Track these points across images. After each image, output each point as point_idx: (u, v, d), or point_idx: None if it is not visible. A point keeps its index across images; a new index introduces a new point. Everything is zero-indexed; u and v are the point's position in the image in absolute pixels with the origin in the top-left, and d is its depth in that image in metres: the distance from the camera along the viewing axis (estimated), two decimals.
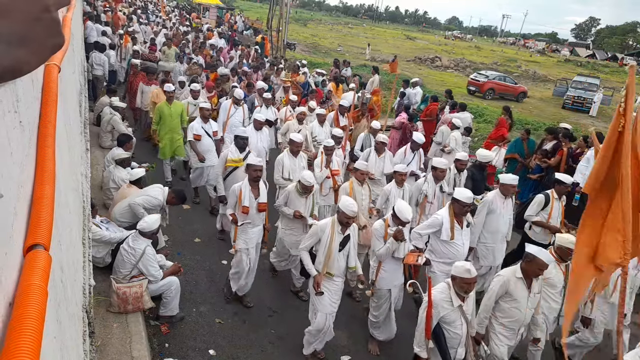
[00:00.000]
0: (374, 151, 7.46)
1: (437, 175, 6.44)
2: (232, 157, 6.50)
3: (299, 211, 5.56)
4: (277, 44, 20.77)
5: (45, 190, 1.11)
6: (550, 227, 6.26)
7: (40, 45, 0.76)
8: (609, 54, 60.71)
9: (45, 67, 1.66)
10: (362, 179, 6.14)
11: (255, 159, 5.48)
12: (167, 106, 8.14)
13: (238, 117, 8.83)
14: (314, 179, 5.52)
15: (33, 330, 0.74)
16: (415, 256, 4.95)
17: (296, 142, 6.57)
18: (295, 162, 6.66)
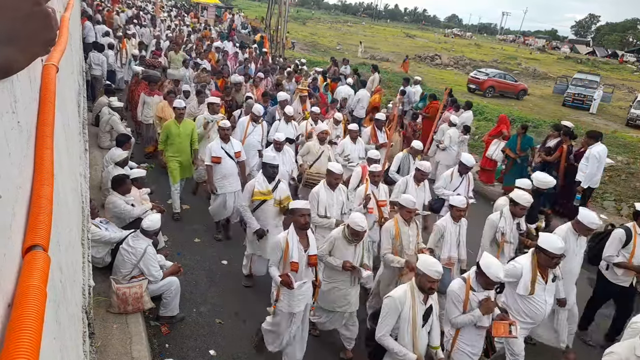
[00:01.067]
0: (412, 180, 6.36)
1: (516, 211, 5.38)
2: (259, 188, 5.48)
3: (349, 262, 4.54)
4: (282, 43, 20.70)
5: (43, 191, 1.11)
6: (636, 268, 5.27)
7: (32, 42, 0.75)
8: (609, 51, 60.68)
9: (43, 67, 1.65)
10: (410, 218, 5.14)
11: (301, 202, 4.53)
12: (175, 125, 7.17)
13: (256, 135, 7.76)
14: (365, 222, 4.49)
15: (32, 331, 0.74)
16: (506, 326, 3.94)
17: (335, 174, 5.52)
18: (333, 196, 5.62)
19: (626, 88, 31.70)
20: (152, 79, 9.59)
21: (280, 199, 5.55)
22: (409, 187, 6.34)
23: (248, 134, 7.67)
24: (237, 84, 11.19)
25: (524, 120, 15.85)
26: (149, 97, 9.30)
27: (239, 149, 6.70)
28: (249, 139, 7.65)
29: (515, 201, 5.36)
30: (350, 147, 7.71)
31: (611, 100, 24.79)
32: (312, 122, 8.62)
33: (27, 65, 0.79)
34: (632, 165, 12.62)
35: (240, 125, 7.78)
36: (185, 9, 37.83)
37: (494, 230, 5.43)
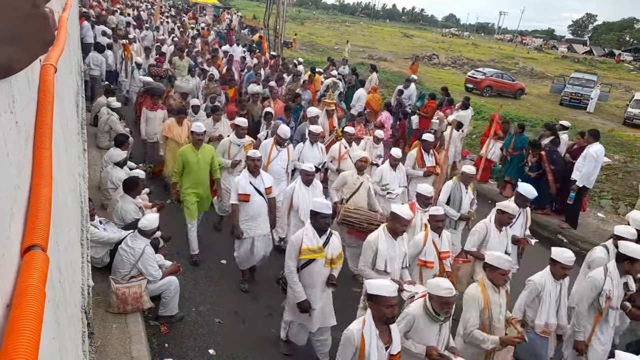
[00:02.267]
0: (493, 225, 5.19)
1: (629, 268, 4.32)
2: (309, 244, 4.31)
3: (435, 349, 3.56)
4: (280, 43, 20.63)
5: (42, 191, 1.11)
6: None
7: (31, 42, 0.76)
8: (606, 50, 60.80)
9: (41, 67, 1.65)
10: (502, 281, 4.04)
11: (385, 285, 3.32)
12: (192, 152, 6.04)
13: (281, 161, 6.72)
14: (452, 287, 3.51)
15: (31, 331, 0.74)
16: None
17: (403, 220, 4.45)
18: (395, 246, 4.53)
19: (623, 87, 31.77)
20: (155, 92, 8.64)
21: (332, 257, 4.42)
22: (491, 236, 5.13)
23: (272, 159, 6.64)
24: (254, 95, 9.99)
25: (521, 120, 15.88)
26: (151, 112, 8.34)
27: (270, 184, 5.66)
28: (273, 165, 6.63)
29: (629, 256, 4.27)
30: (389, 175, 6.70)
31: (608, 99, 24.83)
32: (346, 144, 7.37)
33: (27, 65, 0.80)
34: (629, 164, 12.65)
35: (264, 149, 6.67)
36: (184, 9, 37.77)
37: (596, 293, 4.34)
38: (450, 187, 6.25)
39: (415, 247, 4.89)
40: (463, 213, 6.18)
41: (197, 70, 12.09)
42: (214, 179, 6.38)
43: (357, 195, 6.15)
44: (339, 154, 7.23)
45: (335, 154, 7.30)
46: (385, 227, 4.59)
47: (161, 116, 8.37)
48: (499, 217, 5.16)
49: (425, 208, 5.55)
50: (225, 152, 6.79)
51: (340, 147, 7.28)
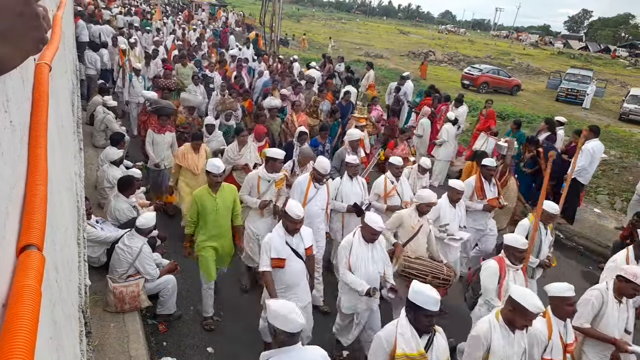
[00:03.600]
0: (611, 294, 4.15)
1: None
2: (405, 348, 3.22)
3: None
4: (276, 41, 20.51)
5: (37, 191, 1.11)
6: None
7: (24, 41, 0.75)
8: (601, 46, 60.96)
9: (35, 66, 1.64)
10: None
11: None
12: (210, 196, 4.83)
13: (320, 201, 5.44)
14: None
15: (27, 331, 0.74)
16: None
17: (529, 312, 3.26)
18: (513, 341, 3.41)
19: (619, 83, 31.87)
20: (164, 111, 7.27)
21: None
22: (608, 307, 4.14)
23: (309, 199, 5.35)
24: (272, 110, 8.66)
25: (517, 116, 15.92)
26: (158, 134, 7.11)
27: (310, 242, 4.39)
28: (310, 206, 5.30)
29: None
30: (448, 213, 5.59)
31: (604, 95, 24.91)
32: (393, 178, 6.02)
33: (20, 63, 0.79)
34: (625, 159, 12.71)
35: (299, 188, 5.44)
36: (179, 7, 37.62)
37: None
38: (527, 228, 5.23)
39: (539, 343, 3.64)
40: (542, 259, 5.26)
41: (200, 74, 11.09)
42: (235, 225, 5.14)
43: (415, 241, 5.03)
44: (385, 190, 5.96)
45: (379, 190, 6.01)
46: (499, 315, 3.43)
47: (169, 139, 7.25)
48: (620, 285, 4.09)
49: (519, 264, 4.35)
50: (253, 190, 5.44)
51: (386, 182, 5.98)
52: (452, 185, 5.63)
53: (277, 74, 12.80)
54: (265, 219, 5.53)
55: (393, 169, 6.00)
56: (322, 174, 5.30)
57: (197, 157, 6.48)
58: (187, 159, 6.43)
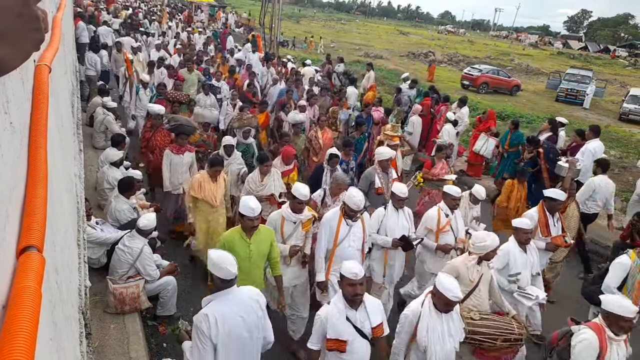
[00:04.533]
0: None
1: None
2: None
3: None
4: (276, 42, 20.44)
5: (37, 192, 1.11)
6: None
7: (23, 42, 0.76)
8: (601, 46, 60.98)
9: (35, 67, 1.65)
10: None
11: None
12: (242, 241, 4.07)
13: (355, 241, 4.58)
14: None
15: (27, 332, 0.74)
16: None
17: None
18: None
19: (618, 83, 31.89)
20: (184, 130, 6.41)
21: None
22: None
23: (340, 240, 4.51)
24: (295, 125, 7.86)
25: (517, 116, 15.93)
26: (176, 155, 6.31)
27: (380, 319, 3.45)
28: (343, 247, 4.52)
29: None
30: (519, 259, 4.69)
31: (604, 95, 24.93)
32: (447, 210, 5.22)
33: (19, 66, 0.79)
34: (625, 160, 12.72)
35: (327, 225, 4.57)
36: (178, 8, 37.63)
37: None
38: (629, 268, 4.49)
39: None
40: None
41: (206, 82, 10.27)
42: (274, 275, 4.37)
43: (476, 295, 4.26)
44: (438, 225, 5.13)
45: (432, 224, 5.18)
46: None
47: (189, 160, 6.46)
48: None
49: (624, 334, 3.46)
50: (276, 232, 4.56)
51: (439, 215, 5.15)
52: (447, 192, 5.23)
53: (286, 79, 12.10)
54: (292, 268, 4.68)
55: (449, 199, 5.20)
56: (355, 211, 4.42)
57: (216, 186, 5.52)
58: (204, 189, 5.47)
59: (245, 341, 3.17)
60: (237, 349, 3.13)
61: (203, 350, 3.01)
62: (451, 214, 5.22)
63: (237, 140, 7.02)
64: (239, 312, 3.11)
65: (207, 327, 3.01)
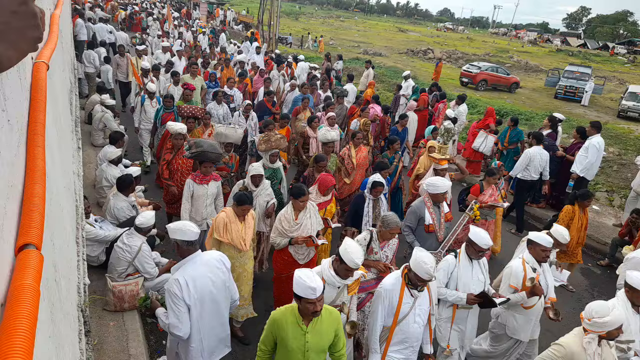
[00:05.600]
0: None
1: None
2: None
3: None
4: (274, 39, 20.36)
5: (35, 190, 1.10)
6: None
7: (20, 39, 0.76)
8: (600, 43, 61.00)
9: (33, 65, 1.64)
10: None
11: None
12: (298, 329, 3.09)
13: (420, 315, 3.72)
14: None
15: (25, 330, 0.74)
16: None
17: None
18: None
19: (617, 80, 31.88)
20: (207, 157, 5.39)
21: None
22: None
23: (403, 315, 3.65)
24: (327, 144, 6.83)
25: (516, 113, 15.93)
26: (199, 185, 5.38)
27: None
28: (407, 323, 3.67)
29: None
30: (632, 323, 3.89)
31: (602, 92, 24.92)
32: (535, 263, 4.31)
33: (16, 63, 0.79)
34: (624, 157, 12.73)
35: (387, 299, 3.67)
36: (175, 6, 37.52)
37: None
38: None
39: None
40: None
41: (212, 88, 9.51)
42: None
43: None
44: (525, 278, 4.22)
45: (516, 281, 4.27)
46: None
47: (214, 192, 5.52)
48: None
49: None
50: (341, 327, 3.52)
51: (525, 270, 4.25)
52: (535, 240, 4.29)
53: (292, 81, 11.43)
54: None
55: (537, 250, 4.29)
56: (425, 280, 3.51)
57: (244, 227, 4.56)
58: (230, 231, 4.47)
59: (215, 299, 3.45)
60: (209, 307, 3.42)
61: (178, 312, 3.24)
62: (539, 268, 4.31)
63: (262, 163, 5.92)
64: (207, 274, 3.37)
65: (180, 290, 3.23)
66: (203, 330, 3.46)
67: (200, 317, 3.37)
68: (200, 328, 3.43)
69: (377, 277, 4.42)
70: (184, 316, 3.27)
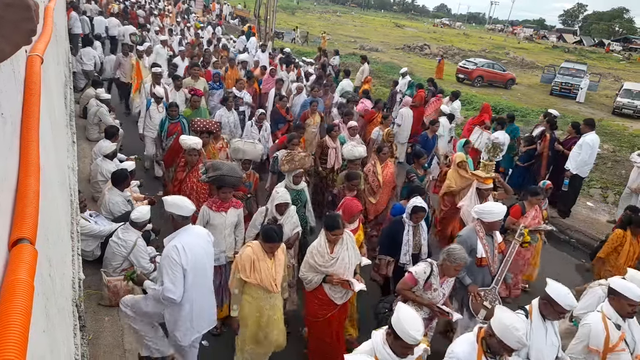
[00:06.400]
0: None
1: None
2: None
3: None
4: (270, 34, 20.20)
5: (29, 184, 1.10)
6: None
7: (14, 32, 0.75)
8: (595, 40, 61.14)
9: (27, 58, 1.63)
10: None
11: None
12: None
13: None
14: None
15: (19, 325, 0.74)
16: None
17: None
18: None
19: (612, 77, 31.99)
20: (227, 182, 4.64)
21: None
22: None
23: None
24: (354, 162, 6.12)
25: (512, 110, 15.96)
26: (217, 213, 4.59)
27: None
28: None
29: None
30: None
31: (598, 89, 25.01)
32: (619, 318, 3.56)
33: (10, 56, 0.78)
34: (618, 153, 12.80)
35: None
36: (173, 0, 37.27)
37: None
38: None
39: None
40: None
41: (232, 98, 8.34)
42: None
43: None
44: (607, 342, 3.51)
45: (597, 342, 3.54)
46: None
47: (234, 220, 4.72)
48: None
49: None
50: None
51: (607, 327, 3.51)
52: (621, 292, 3.51)
53: None
54: None
55: (622, 303, 3.53)
56: (513, 350, 2.93)
57: (274, 265, 3.92)
58: (259, 270, 3.83)
59: (206, 268, 3.73)
60: (201, 275, 3.66)
61: (174, 276, 3.42)
62: (624, 323, 3.56)
63: (284, 184, 5.37)
64: (199, 243, 3.65)
65: (177, 255, 3.43)
66: (194, 296, 3.64)
67: (193, 283, 3.56)
68: (193, 294, 3.61)
69: (429, 316, 4.05)
70: (179, 281, 3.45)
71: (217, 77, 9.77)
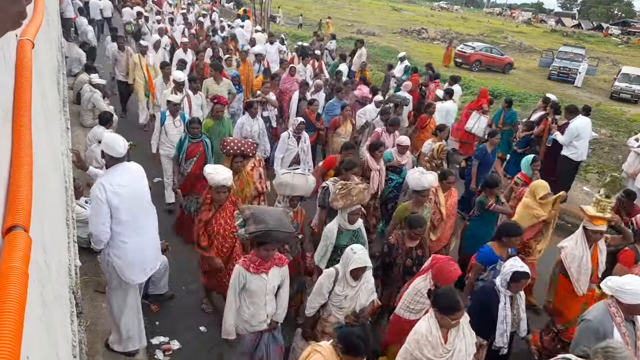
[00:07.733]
0: None
1: None
2: None
3: None
4: (267, 17, 19.93)
5: (22, 171, 1.08)
6: None
7: (2, 15, 0.73)
8: (594, 24, 60.76)
9: (18, 42, 1.60)
10: None
11: None
12: None
13: None
14: None
15: (13, 312, 0.73)
16: None
17: None
18: None
19: (610, 61, 31.89)
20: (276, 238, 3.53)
21: None
22: None
23: None
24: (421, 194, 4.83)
25: (509, 94, 15.91)
26: (256, 276, 3.51)
27: None
28: None
29: None
30: None
31: (596, 73, 24.94)
32: None
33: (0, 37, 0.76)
34: (615, 138, 12.82)
35: None
36: None
37: None
38: None
39: None
40: None
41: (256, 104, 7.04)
42: None
43: None
44: None
45: None
46: None
47: (276, 283, 3.67)
48: None
49: None
50: None
51: None
52: None
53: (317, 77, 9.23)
54: None
55: None
56: None
57: None
58: None
59: (143, 202, 3.84)
60: (138, 208, 3.76)
61: (99, 212, 3.54)
62: None
63: (337, 223, 4.40)
64: (130, 180, 3.73)
65: (102, 193, 3.51)
66: (136, 226, 3.74)
67: (131, 214, 3.66)
68: (133, 225, 3.72)
69: None
70: (104, 217, 3.54)
71: (236, 80, 8.44)
